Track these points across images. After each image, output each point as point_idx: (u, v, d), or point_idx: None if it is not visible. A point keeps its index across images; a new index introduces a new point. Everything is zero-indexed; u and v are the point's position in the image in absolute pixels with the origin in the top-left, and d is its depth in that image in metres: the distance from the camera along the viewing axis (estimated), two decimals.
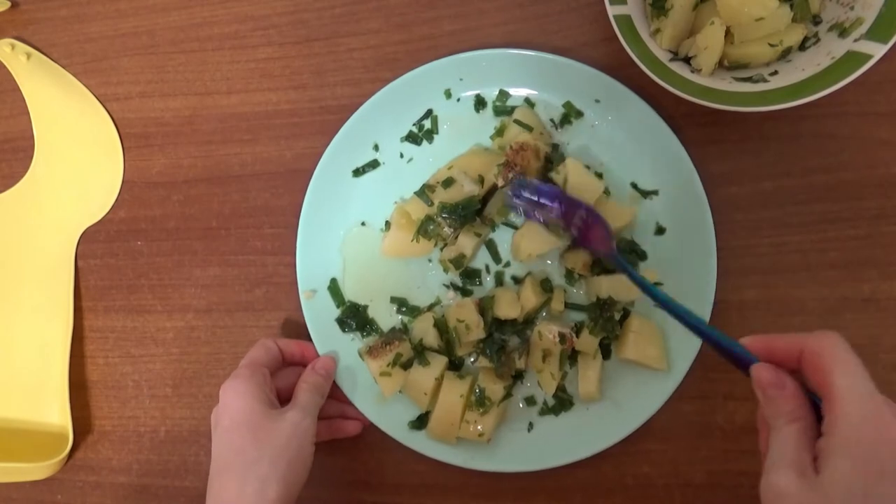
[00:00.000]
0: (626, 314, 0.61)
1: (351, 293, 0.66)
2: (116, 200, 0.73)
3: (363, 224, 0.67)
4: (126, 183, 0.73)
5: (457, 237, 0.63)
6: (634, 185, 0.62)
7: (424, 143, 0.67)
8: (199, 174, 0.72)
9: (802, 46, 0.57)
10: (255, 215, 0.70)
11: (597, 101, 0.63)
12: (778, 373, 0.39)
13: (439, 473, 0.63)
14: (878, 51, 0.50)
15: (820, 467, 0.35)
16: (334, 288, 0.66)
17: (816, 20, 0.58)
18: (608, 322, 0.59)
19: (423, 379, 0.61)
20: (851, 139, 0.61)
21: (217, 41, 0.73)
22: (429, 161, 0.66)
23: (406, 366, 0.61)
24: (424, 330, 0.62)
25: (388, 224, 0.66)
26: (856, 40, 0.53)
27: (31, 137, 0.76)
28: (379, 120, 0.66)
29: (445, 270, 0.64)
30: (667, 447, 0.60)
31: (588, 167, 0.61)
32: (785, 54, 0.57)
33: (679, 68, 0.57)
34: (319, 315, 0.65)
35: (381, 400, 0.63)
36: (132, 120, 0.74)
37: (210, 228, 0.71)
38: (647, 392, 0.59)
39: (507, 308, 0.60)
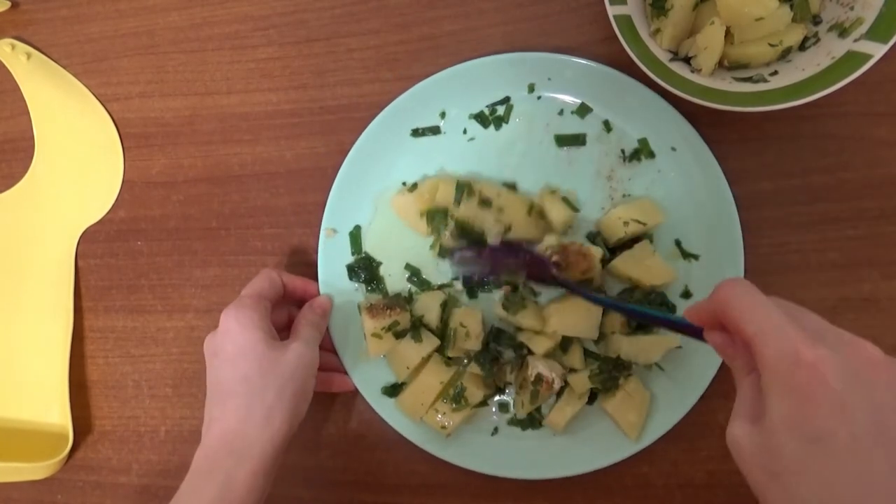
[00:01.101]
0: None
1: (370, 246, 0.66)
2: (116, 200, 0.73)
3: (403, 184, 0.66)
4: (126, 183, 0.73)
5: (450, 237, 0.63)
6: (678, 244, 0.62)
7: (491, 127, 0.65)
8: (199, 174, 0.72)
9: (802, 46, 0.57)
10: (255, 215, 0.70)
11: (673, 148, 0.62)
12: (724, 334, 0.40)
13: (439, 473, 0.63)
14: (878, 51, 0.50)
15: (762, 411, 0.36)
16: (356, 235, 0.66)
17: (816, 20, 0.58)
18: (611, 380, 0.59)
19: (410, 353, 0.61)
20: (851, 139, 0.61)
21: (217, 41, 0.73)
22: (489, 147, 0.65)
23: (399, 335, 0.61)
24: (429, 307, 0.62)
25: (415, 186, 0.65)
26: (856, 40, 0.53)
27: (31, 137, 0.76)
28: (455, 89, 0.65)
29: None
30: (667, 447, 0.60)
31: (655, 252, 0.60)
32: (785, 54, 0.57)
33: (679, 68, 0.57)
34: (333, 256, 0.65)
35: (364, 358, 0.63)
36: (132, 120, 0.74)
37: (210, 228, 0.71)
38: (607, 447, 0.59)
39: (531, 320, 0.60)
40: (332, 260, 0.65)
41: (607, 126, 0.64)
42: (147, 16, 0.74)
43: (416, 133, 0.66)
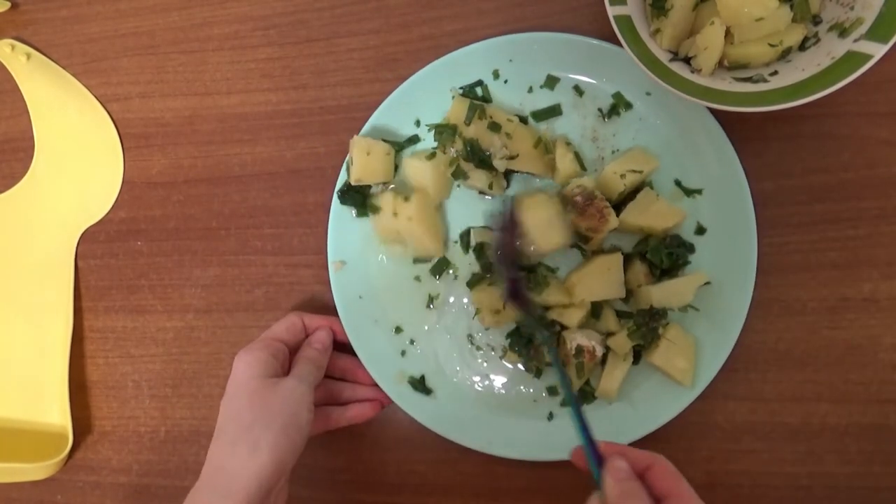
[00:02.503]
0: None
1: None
2: (116, 200, 0.73)
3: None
4: (126, 183, 0.73)
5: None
6: (678, 183, 0.62)
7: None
8: (199, 174, 0.72)
9: (802, 46, 0.57)
10: (255, 215, 0.70)
11: (648, 93, 0.62)
12: (629, 467, 0.43)
13: (439, 473, 0.63)
14: (878, 51, 0.50)
15: None
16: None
17: (816, 20, 0.58)
18: (651, 332, 0.59)
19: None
20: (851, 139, 0.61)
21: (217, 41, 0.73)
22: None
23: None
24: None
25: (433, 154, 0.64)
26: (856, 40, 0.53)
27: (31, 137, 0.76)
28: (423, 97, 0.65)
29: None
30: (667, 447, 0.60)
31: (658, 196, 0.60)
32: (785, 54, 0.57)
33: (679, 68, 0.57)
34: (346, 288, 0.65)
35: (400, 380, 0.63)
36: (132, 120, 0.74)
37: (210, 228, 0.71)
38: (664, 401, 0.59)
39: (556, 295, 0.59)
40: (346, 292, 0.65)
41: (578, 91, 0.64)
42: (147, 16, 0.74)
43: (400, 147, 0.66)
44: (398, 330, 0.64)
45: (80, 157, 0.75)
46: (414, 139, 0.66)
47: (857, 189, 0.60)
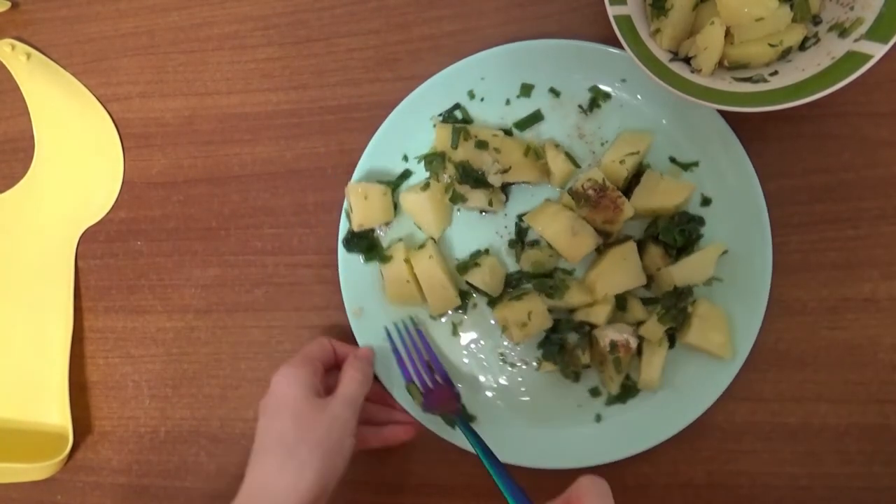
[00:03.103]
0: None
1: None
2: (116, 200, 0.73)
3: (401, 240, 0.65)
4: (126, 183, 0.73)
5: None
6: (673, 160, 0.62)
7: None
8: (199, 174, 0.72)
9: (802, 46, 0.57)
10: (255, 215, 0.70)
11: (623, 80, 0.62)
12: None
13: (439, 473, 0.63)
14: (878, 51, 0.50)
15: None
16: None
17: (816, 20, 0.58)
18: (680, 313, 0.58)
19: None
20: (851, 139, 0.61)
21: (217, 41, 0.73)
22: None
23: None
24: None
25: (427, 185, 0.64)
26: (856, 40, 0.53)
27: (31, 137, 0.76)
28: (404, 133, 0.65)
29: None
30: (667, 447, 0.60)
31: (662, 175, 0.60)
32: (785, 54, 0.57)
33: (679, 68, 0.57)
34: (369, 332, 0.64)
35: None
36: (132, 120, 0.74)
37: (210, 228, 0.71)
38: (708, 379, 0.58)
39: (579, 296, 0.59)
40: (370, 335, 0.64)
41: (555, 92, 0.64)
42: (147, 16, 0.74)
43: (395, 185, 0.66)
44: (429, 363, 0.64)
45: (80, 157, 0.75)
46: (406, 174, 0.66)
47: (857, 189, 0.60)
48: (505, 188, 0.64)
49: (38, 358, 0.72)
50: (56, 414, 0.71)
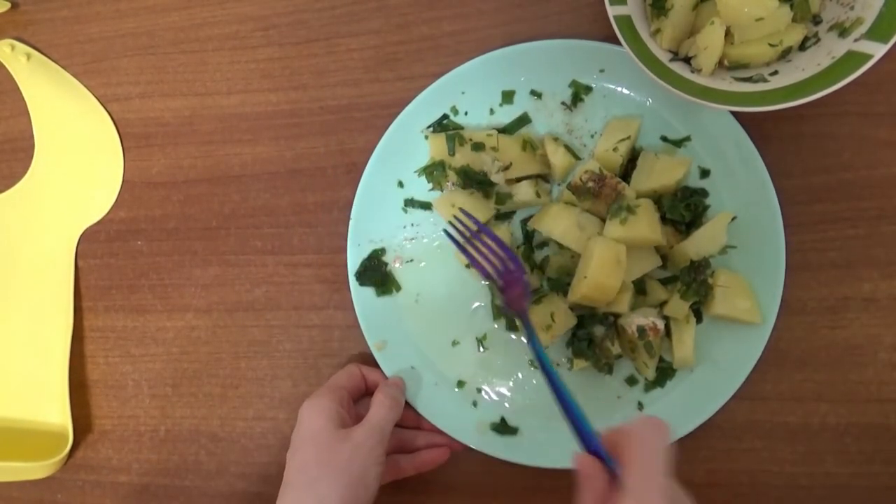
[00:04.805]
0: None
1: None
2: (116, 200, 0.73)
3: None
4: (126, 183, 0.73)
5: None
6: (665, 138, 0.62)
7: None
8: (199, 174, 0.72)
9: (802, 46, 0.57)
10: (255, 215, 0.70)
11: (601, 70, 0.63)
12: (594, 468, 0.42)
13: (439, 473, 0.63)
14: (878, 51, 0.50)
15: None
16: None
17: (816, 20, 0.58)
18: (701, 286, 0.58)
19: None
20: (851, 139, 0.61)
21: (217, 42, 0.73)
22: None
23: None
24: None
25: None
26: (856, 40, 0.53)
27: (31, 137, 0.76)
28: (397, 155, 0.65)
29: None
30: None
31: (657, 154, 0.61)
32: (785, 54, 0.57)
33: (679, 68, 0.57)
34: (395, 363, 0.63)
35: (482, 430, 0.62)
36: (132, 120, 0.74)
37: (210, 228, 0.71)
38: (743, 346, 0.58)
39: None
40: (396, 366, 0.63)
41: (536, 94, 0.65)
42: (147, 16, 0.74)
43: (408, 203, 0.66)
44: (461, 384, 0.63)
45: (80, 157, 0.75)
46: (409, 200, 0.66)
47: (857, 189, 0.60)
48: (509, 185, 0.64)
49: (38, 357, 0.72)
50: (56, 413, 0.71)
